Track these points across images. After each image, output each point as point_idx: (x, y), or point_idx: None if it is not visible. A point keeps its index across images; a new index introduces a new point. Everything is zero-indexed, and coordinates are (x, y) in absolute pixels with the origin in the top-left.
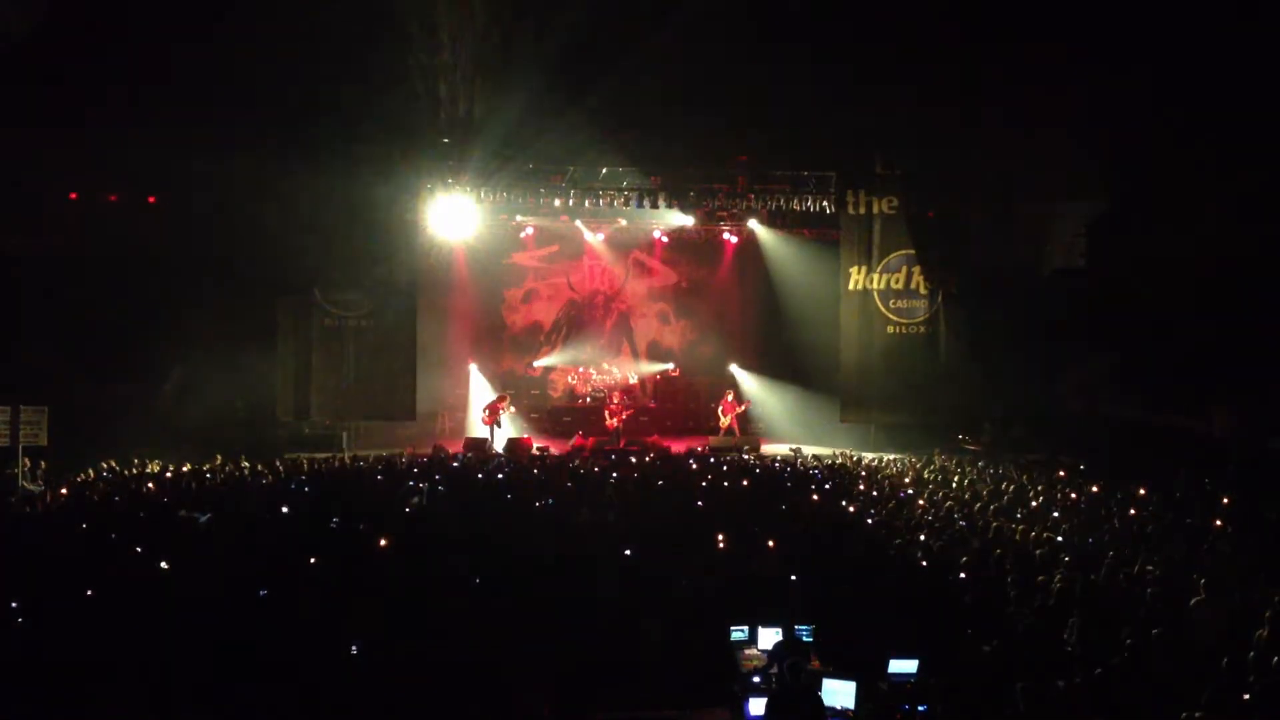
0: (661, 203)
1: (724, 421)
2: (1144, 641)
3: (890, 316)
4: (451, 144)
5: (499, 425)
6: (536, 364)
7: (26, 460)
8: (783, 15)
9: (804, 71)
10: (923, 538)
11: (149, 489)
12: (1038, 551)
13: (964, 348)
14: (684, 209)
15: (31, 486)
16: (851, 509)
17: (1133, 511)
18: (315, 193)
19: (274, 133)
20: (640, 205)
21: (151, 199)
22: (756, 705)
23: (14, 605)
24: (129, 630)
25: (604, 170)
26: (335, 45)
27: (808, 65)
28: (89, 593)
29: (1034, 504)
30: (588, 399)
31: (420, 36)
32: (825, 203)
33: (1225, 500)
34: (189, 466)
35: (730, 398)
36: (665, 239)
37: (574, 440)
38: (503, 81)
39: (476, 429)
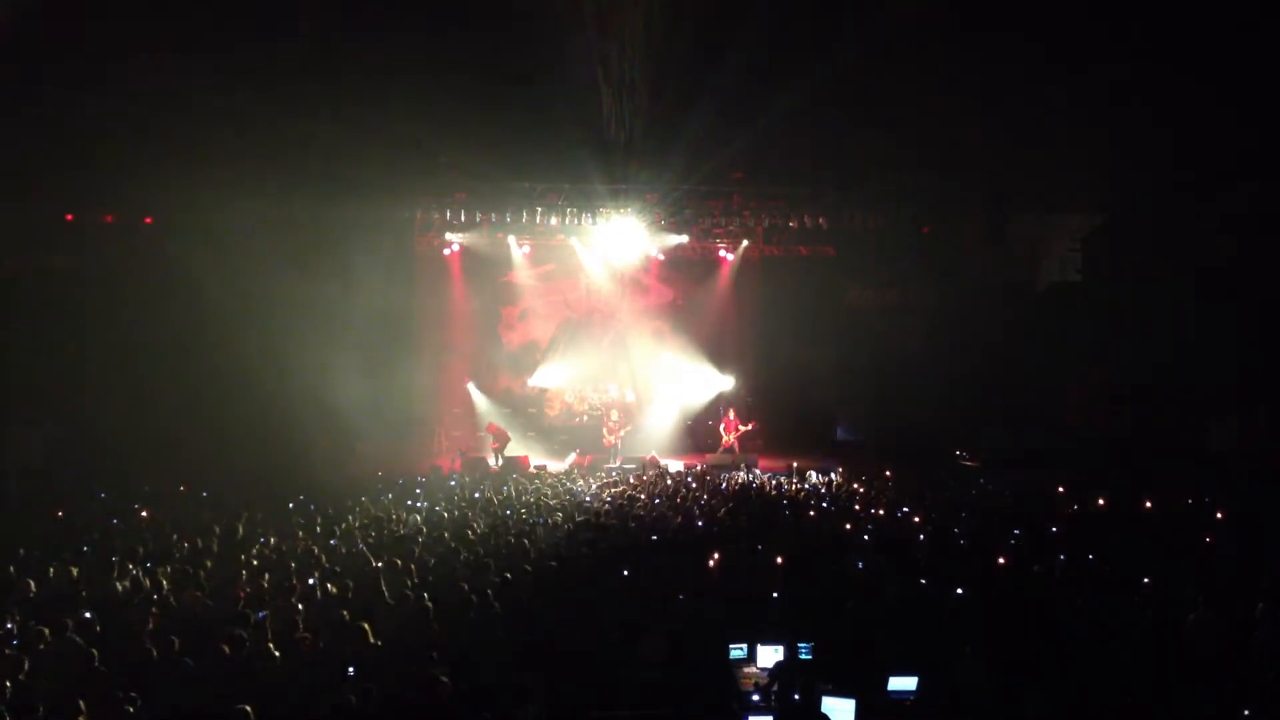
0: (658, 221)
1: (726, 439)
2: (1143, 657)
3: (888, 332)
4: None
5: (503, 450)
6: (532, 382)
7: None
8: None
9: (803, 90)
10: (921, 555)
11: None
12: (1035, 567)
13: (960, 362)
14: (679, 227)
15: None
16: (849, 526)
17: (1130, 527)
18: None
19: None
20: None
21: (148, 219)
22: None
23: None
24: None
25: (600, 189)
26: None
27: (807, 84)
28: None
29: (1031, 520)
30: (584, 417)
31: None
32: (821, 219)
33: (1222, 514)
34: None
35: (732, 415)
36: (661, 257)
37: (572, 458)
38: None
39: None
